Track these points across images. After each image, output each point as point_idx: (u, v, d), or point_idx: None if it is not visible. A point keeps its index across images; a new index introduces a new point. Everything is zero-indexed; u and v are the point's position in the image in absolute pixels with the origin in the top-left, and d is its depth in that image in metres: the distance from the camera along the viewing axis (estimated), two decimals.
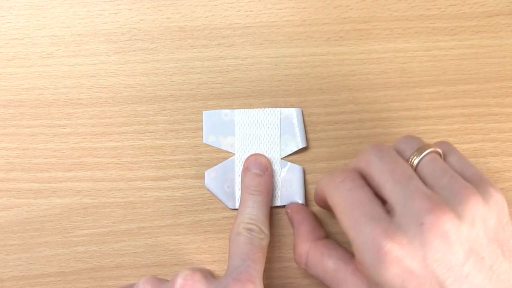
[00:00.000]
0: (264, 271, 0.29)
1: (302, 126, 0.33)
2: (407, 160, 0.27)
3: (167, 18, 0.33)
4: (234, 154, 0.33)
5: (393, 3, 0.33)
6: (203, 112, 0.33)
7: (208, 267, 0.32)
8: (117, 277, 0.32)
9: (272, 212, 0.32)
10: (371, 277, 0.24)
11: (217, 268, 0.32)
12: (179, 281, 0.26)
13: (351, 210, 0.25)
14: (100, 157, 0.33)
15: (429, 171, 0.26)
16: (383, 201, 0.26)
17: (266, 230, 0.30)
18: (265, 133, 0.33)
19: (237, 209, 0.32)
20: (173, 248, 0.33)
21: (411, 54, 0.33)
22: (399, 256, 0.23)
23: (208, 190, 0.33)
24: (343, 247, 0.29)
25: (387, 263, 0.23)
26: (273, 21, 0.33)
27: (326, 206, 0.28)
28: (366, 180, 0.27)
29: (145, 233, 0.33)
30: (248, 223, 0.29)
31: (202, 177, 0.33)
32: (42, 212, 0.32)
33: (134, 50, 0.33)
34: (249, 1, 0.33)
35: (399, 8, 0.34)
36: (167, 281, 0.27)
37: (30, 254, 0.32)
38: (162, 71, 0.33)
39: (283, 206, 0.32)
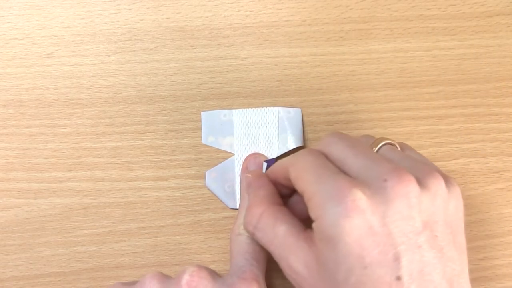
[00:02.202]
0: (266, 271, 0.29)
1: (300, 125, 0.33)
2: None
3: (167, 18, 0.33)
4: (233, 154, 0.33)
5: (393, 3, 0.33)
6: (202, 113, 0.33)
7: (208, 267, 0.32)
8: (117, 277, 0.32)
9: None
10: (327, 230, 0.23)
11: (217, 268, 0.32)
12: (186, 277, 0.26)
13: (314, 170, 0.24)
14: (100, 157, 0.33)
15: (389, 157, 0.26)
16: None
17: None
18: (264, 133, 0.33)
19: (237, 209, 0.32)
20: (173, 248, 0.33)
21: (411, 54, 0.33)
22: (362, 206, 0.22)
23: (208, 190, 0.33)
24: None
25: (350, 211, 0.22)
26: (273, 21, 0.33)
27: (281, 183, 0.28)
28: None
29: (145, 233, 0.33)
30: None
31: (202, 177, 0.33)
32: (42, 212, 0.32)
33: (134, 50, 0.33)
34: (249, 1, 0.33)
35: (399, 8, 0.34)
36: (172, 277, 0.27)
37: (30, 254, 0.32)
38: (162, 71, 0.33)
39: None
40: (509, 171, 0.33)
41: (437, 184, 0.24)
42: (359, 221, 0.22)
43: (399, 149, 0.27)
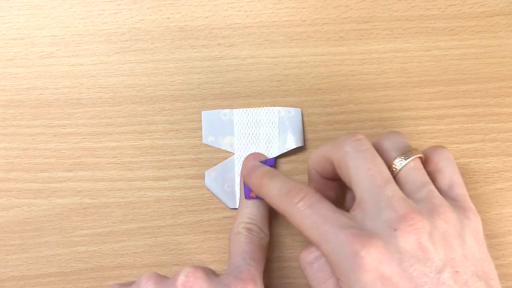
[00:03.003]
0: (264, 271, 0.29)
1: (300, 125, 0.33)
2: (390, 161, 0.26)
3: (167, 18, 0.33)
4: (233, 153, 0.33)
5: (393, 3, 0.33)
6: (202, 112, 0.33)
7: (208, 267, 0.32)
8: (117, 277, 0.32)
9: (272, 212, 0.32)
10: (351, 285, 0.24)
11: (217, 268, 0.32)
12: (181, 278, 0.26)
13: (317, 226, 0.25)
14: (100, 157, 0.33)
15: (410, 179, 0.26)
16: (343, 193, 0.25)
17: (266, 230, 0.30)
18: (264, 132, 0.33)
19: (237, 209, 0.32)
20: (173, 248, 0.33)
21: (411, 54, 0.33)
22: (376, 260, 0.23)
23: (208, 190, 0.33)
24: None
25: (364, 267, 0.23)
26: (273, 21, 0.33)
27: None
28: (333, 167, 0.27)
29: (145, 233, 0.33)
30: (248, 222, 0.29)
31: (202, 177, 0.33)
32: (42, 212, 0.32)
33: (134, 50, 0.33)
34: (249, 1, 0.33)
35: (399, 8, 0.34)
36: (169, 278, 0.27)
37: (30, 254, 0.32)
38: (162, 71, 0.33)
39: None
40: (509, 171, 0.33)
41: (446, 223, 0.24)
42: (375, 274, 0.23)
43: (422, 169, 0.26)
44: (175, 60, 0.33)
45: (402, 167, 0.26)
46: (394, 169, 0.26)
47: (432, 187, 0.26)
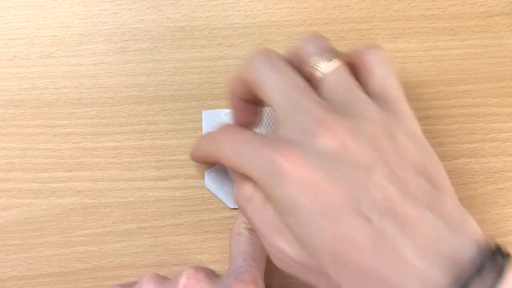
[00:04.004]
0: (264, 271, 0.29)
1: None
2: (312, 68, 0.24)
3: (167, 18, 0.33)
4: None
5: (393, 3, 0.33)
6: (203, 111, 0.33)
7: (208, 267, 0.32)
8: (117, 277, 0.32)
9: None
10: (278, 200, 0.22)
11: (217, 268, 0.32)
12: (183, 279, 0.26)
13: (239, 152, 0.23)
14: (100, 157, 0.33)
15: (333, 84, 0.24)
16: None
17: None
18: (264, 132, 0.33)
19: (237, 209, 0.32)
20: (173, 248, 0.33)
21: (411, 54, 0.33)
22: (296, 166, 0.21)
23: (208, 190, 0.32)
24: None
25: (286, 176, 0.21)
26: (273, 21, 0.33)
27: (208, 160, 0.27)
28: (252, 93, 0.25)
29: (145, 233, 0.33)
30: (249, 223, 0.29)
31: (202, 177, 0.33)
32: (42, 212, 0.32)
33: (134, 50, 0.33)
34: (249, 1, 0.33)
35: (399, 8, 0.34)
36: (170, 279, 0.27)
37: (30, 254, 0.32)
38: (162, 71, 0.33)
39: None
40: (509, 171, 0.33)
41: (373, 125, 0.22)
42: (300, 181, 0.21)
43: (349, 76, 0.25)
44: (175, 60, 0.33)
45: (324, 73, 0.24)
46: (315, 76, 0.24)
47: (358, 90, 0.24)
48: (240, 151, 0.24)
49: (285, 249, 0.23)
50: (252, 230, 0.29)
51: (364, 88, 0.25)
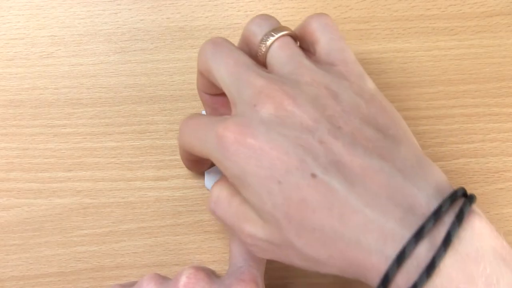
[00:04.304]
0: (265, 271, 0.29)
1: None
2: (257, 46, 0.25)
3: (167, 18, 0.33)
4: None
5: (393, 3, 0.33)
6: (203, 111, 0.33)
7: (208, 267, 0.32)
8: (117, 277, 0.32)
9: None
10: (230, 174, 0.22)
11: (217, 268, 0.32)
12: (183, 279, 0.26)
13: (198, 138, 0.24)
14: (100, 157, 0.33)
15: (277, 57, 0.24)
16: None
17: None
18: None
19: None
20: (173, 248, 0.33)
21: (411, 54, 0.33)
22: (239, 136, 0.22)
23: (208, 190, 0.32)
24: None
25: (230, 147, 0.22)
26: None
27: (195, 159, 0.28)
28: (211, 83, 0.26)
29: (145, 233, 0.33)
30: None
31: (202, 177, 0.33)
32: (42, 212, 0.32)
33: (134, 50, 0.33)
34: (249, 1, 0.33)
35: (399, 8, 0.34)
36: (170, 279, 0.27)
37: (30, 254, 0.32)
38: (162, 71, 0.33)
39: None
40: (509, 171, 0.33)
41: (315, 87, 0.23)
42: (244, 150, 0.22)
43: (296, 43, 0.25)
44: (175, 60, 0.33)
45: (268, 48, 0.25)
46: (261, 53, 0.25)
47: (302, 58, 0.24)
48: (196, 135, 0.25)
49: (253, 231, 0.23)
50: None
51: (313, 57, 0.25)
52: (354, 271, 0.21)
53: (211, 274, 0.27)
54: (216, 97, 0.28)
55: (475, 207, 0.21)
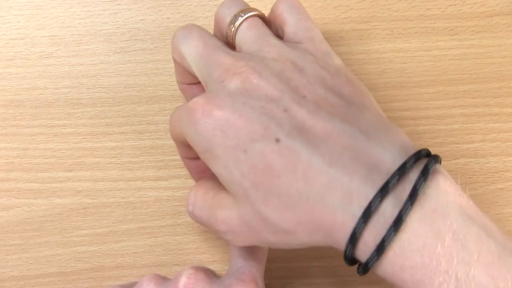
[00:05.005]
0: (264, 271, 0.29)
1: None
2: (227, 29, 0.26)
3: (167, 18, 0.33)
4: None
5: (393, 3, 0.33)
6: None
7: (208, 267, 0.32)
8: (117, 277, 0.32)
9: None
10: (199, 149, 0.23)
11: (217, 268, 0.32)
12: (183, 279, 0.26)
13: (177, 121, 0.25)
14: (100, 157, 0.33)
15: (245, 37, 0.25)
16: None
17: None
18: None
19: None
20: (173, 248, 0.33)
21: (411, 54, 0.33)
22: (206, 109, 0.22)
23: None
24: None
25: (198, 120, 0.22)
26: None
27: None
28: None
29: (145, 233, 0.33)
30: None
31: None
32: (42, 212, 0.32)
33: (134, 50, 0.33)
34: (249, 1, 0.33)
35: (399, 8, 0.34)
36: (170, 279, 0.27)
37: (30, 254, 0.32)
38: (162, 71, 0.33)
39: None
40: (509, 171, 0.33)
41: (281, 63, 0.23)
42: (211, 122, 0.22)
43: (262, 23, 0.26)
44: None
45: (237, 29, 0.25)
46: (230, 34, 0.26)
47: (269, 37, 0.25)
48: (175, 118, 0.25)
49: (226, 214, 0.23)
50: None
51: (282, 38, 0.26)
52: (323, 235, 0.21)
53: (211, 274, 0.27)
54: (193, 86, 0.29)
55: (439, 166, 0.21)
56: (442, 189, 0.20)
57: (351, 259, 0.21)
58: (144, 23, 0.33)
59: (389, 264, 0.20)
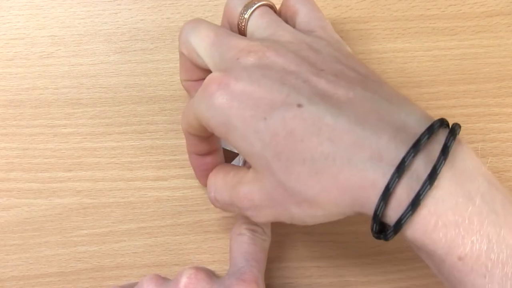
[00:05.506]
0: (265, 271, 0.29)
1: None
2: (238, 19, 0.26)
3: (167, 18, 0.33)
4: (237, 153, 0.33)
5: (393, 3, 0.33)
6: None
7: (208, 267, 0.32)
8: (117, 277, 0.32)
9: None
10: (216, 125, 0.23)
11: (217, 268, 0.32)
12: (183, 279, 0.26)
13: (188, 106, 0.25)
14: (100, 157, 0.33)
15: (256, 26, 0.25)
16: None
17: (268, 232, 0.30)
18: None
19: None
20: (173, 248, 0.33)
21: (411, 54, 0.33)
22: (222, 83, 0.22)
23: None
24: None
25: (214, 94, 0.22)
26: None
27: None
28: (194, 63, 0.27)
29: (145, 233, 0.33)
30: (251, 223, 0.29)
31: None
32: (42, 212, 0.32)
33: (134, 50, 0.33)
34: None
35: (399, 8, 0.34)
36: (170, 280, 0.27)
37: (30, 254, 0.32)
38: (162, 71, 0.33)
39: None
40: (509, 171, 0.33)
41: (296, 45, 0.23)
42: (227, 94, 0.22)
43: (273, 13, 0.26)
44: (175, 60, 0.33)
45: (249, 17, 0.26)
46: (241, 24, 0.26)
47: (281, 22, 0.25)
48: (189, 104, 0.25)
49: (247, 189, 0.23)
50: (254, 231, 0.29)
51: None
52: (350, 200, 0.21)
53: (211, 275, 0.27)
54: (200, 82, 0.28)
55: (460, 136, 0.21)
56: (468, 154, 0.20)
57: (379, 222, 0.20)
58: (144, 23, 0.33)
59: (422, 223, 0.19)
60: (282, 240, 0.33)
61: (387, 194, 0.19)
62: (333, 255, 0.33)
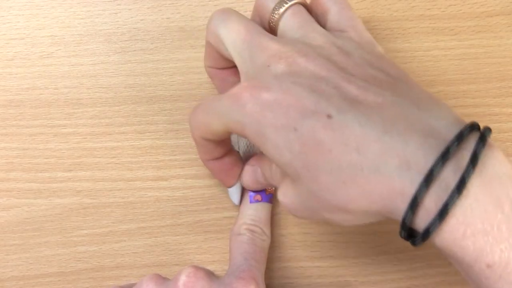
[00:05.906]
0: (265, 271, 0.29)
1: None
2: (269, 16, 0.26)
3: (167, 18, 0.33)
4: (238, 152, 0.33)
5: (393, 3, 0.33)
6: None
7: (208, 267, 0.32)
8: (117, 277, 0.32)
9: (272, 212, 0.32)
10: (250, 133, 0.22)
11: (217, 268, 0.32)
12: (183, 278, 0.26)
13: (208, 112, 0.25)
14: (100, 157, 0.33)
15: (289, 25, 0.25)
16: None
17: (267, 232, 0.30)
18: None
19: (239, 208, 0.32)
20: (173, 248, 0.33)
21: (411, 54, 0.33)
22: (252, 91, 0.22)
23: (234, 203, 0.32)
24: None
25: (245, 103, 0.22)
26: None
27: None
28: (220, 58, 0.27)
29: (145, 233, 0.33)
30: (251, 224, 0.29)
31: (202, 177, 0.33)
32: (42, 212, 0.32)
33: (134, 50, 0.33)
34: (249, 1, 0.33)
35: (399, 8, 0.34)
36: (170, 279, 0.27)
37: (30, 254, 0.32)
38: (162, 71, 0.33)
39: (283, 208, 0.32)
40: None
41: (327, 49, 0.23)
42: (258, 104, 0.22)
43: (304, 12, 0.26)
44: (175, 60, 0.33)
45: (281, 16, 0.25)
46: (273, 21, 0.26)
47: (313, 24, 0.25)
48: (210, 110, 0.24)
49: (283, 197, 0.24)
50: (253, 231, 0.29)
51: (324, 27, 0.26)
52: (378, 207, 0.21)
53: (210, 274, 0.27)
54: (224, 71, 0.29)
55: (491, 139, 0.21)
56: (498, 159, 0.20)
57: (408, 229, 0.20)
58: (144, 23, 0.33)
59: (450, 231, 0.19)
60: (282, 240, 0.33)
61: (415, 203, 0.19)
62: (333, 255, 0.33)
